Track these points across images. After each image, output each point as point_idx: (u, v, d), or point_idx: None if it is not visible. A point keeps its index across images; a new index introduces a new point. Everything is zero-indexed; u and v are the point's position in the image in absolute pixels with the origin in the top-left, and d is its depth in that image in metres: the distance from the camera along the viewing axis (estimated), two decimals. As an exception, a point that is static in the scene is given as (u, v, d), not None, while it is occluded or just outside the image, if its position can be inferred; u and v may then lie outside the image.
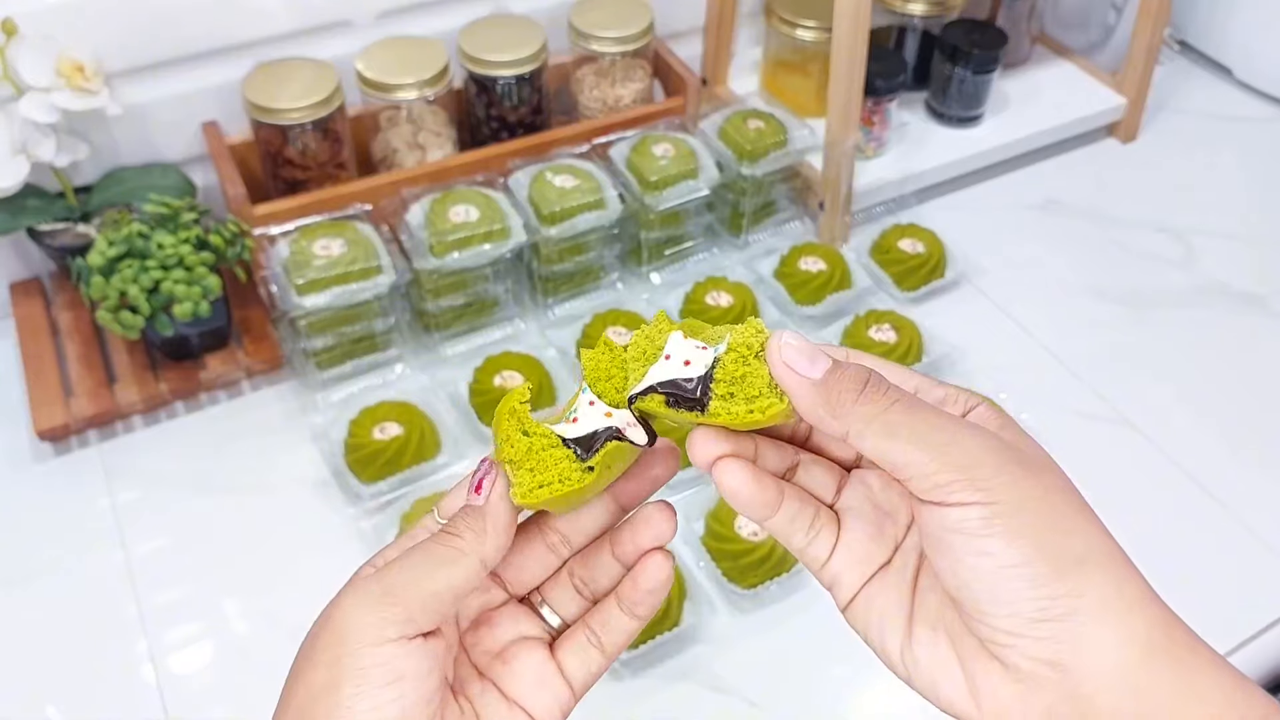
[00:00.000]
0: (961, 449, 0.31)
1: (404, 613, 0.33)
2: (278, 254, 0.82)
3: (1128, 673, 0.30)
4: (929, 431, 0.32)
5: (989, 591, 0.31)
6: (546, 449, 0.35)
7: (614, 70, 0.99)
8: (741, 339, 0.35)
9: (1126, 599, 0.31)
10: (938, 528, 0.32)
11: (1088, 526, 0.32)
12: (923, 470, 0.31)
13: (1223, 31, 1.26)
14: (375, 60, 0.91)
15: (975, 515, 0.31)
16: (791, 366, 0.33)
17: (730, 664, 0.71)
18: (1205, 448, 0.86)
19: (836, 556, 0.37)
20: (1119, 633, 0.30)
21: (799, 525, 0.36)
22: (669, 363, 0.35)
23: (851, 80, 0.92)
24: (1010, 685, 0.31)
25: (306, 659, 0.33)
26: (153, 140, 0.90)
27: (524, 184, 0.89)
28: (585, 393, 0.37)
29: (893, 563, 0.36)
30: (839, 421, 0.32)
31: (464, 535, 0.34)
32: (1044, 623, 0.30)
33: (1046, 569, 0.30)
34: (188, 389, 0.85)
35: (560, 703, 0.38)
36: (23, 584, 0.74)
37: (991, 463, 0.31)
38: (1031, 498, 0.31)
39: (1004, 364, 0.92)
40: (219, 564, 0.76)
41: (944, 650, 0.34)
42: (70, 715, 0.68)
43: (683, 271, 0.98)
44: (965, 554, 0.31)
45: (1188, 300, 1.00)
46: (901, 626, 0.35)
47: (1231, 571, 0.78)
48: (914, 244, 0.98)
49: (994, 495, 0.31)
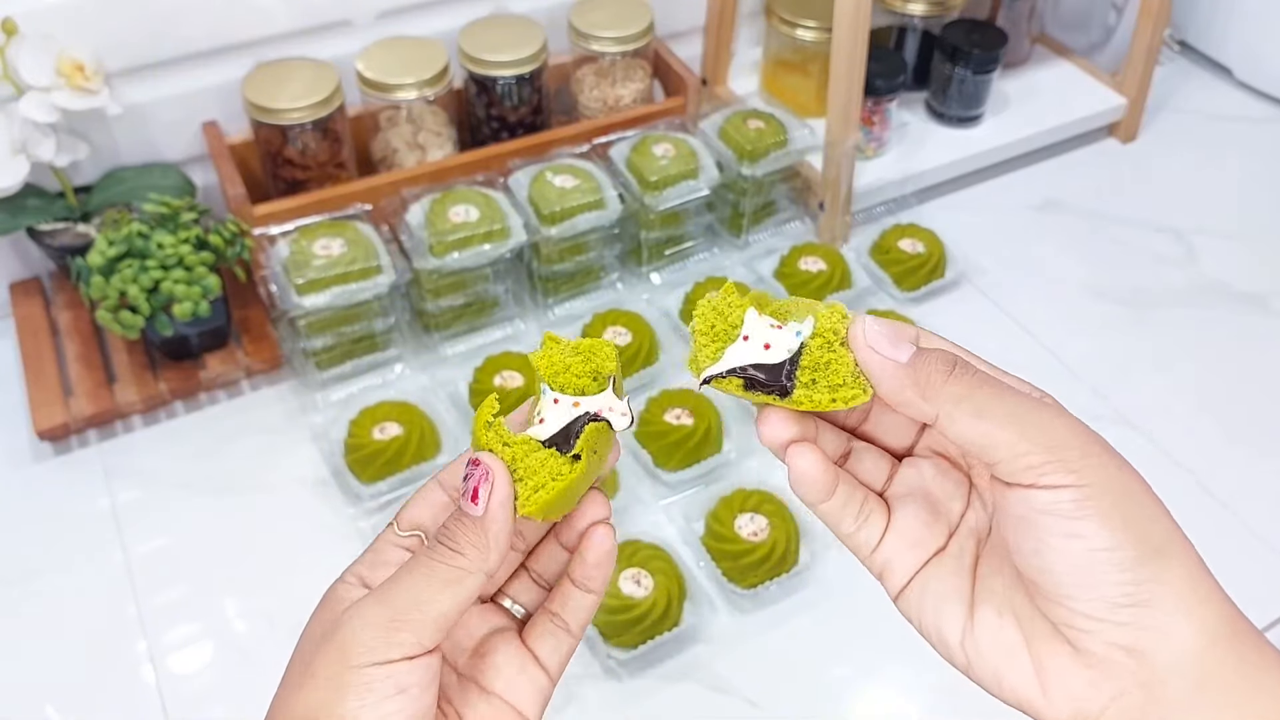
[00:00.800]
0: (1050, 430, 0.31)
1: (412, 637, 0.33)
2: (278, 254, 0.82)
3: (1198, 662, 0.30)
4: (1021, 412, 0.32)
5: (1075, 574, 0.31)
6: (529, 454, 0.35)
7: (614, 70, 0.99)
8: (828, 324, 0.34)
9: (1201, 590, 0.31)
10: (1026, 509, 0.31)
11: (1164, 516, 0.32)
12: (1014, 450, 0.31)
13: (1223, 31, 1.26)
14: (375, 60, 0.91)
15: (1068, 498, 0.30)
16: (878, 350, 0.33)
17: (730, 664, 0.71)
18: (1205, 447, 0.86)
19: (887, 542, 0.36)
20: (1193, 623, 0.30)
21: (849, 511, 0.36)
22: (748, 344, 0.35)
23: (851, 80, 0.92)
24: (1081, 671, 0.31)
25: (303, 674, 0.33)
26: (153, 140, 0.90)
27: (524, 184, 0.89)
28: (546, 394, 0.37)
29: (948, 549, 0.36)
30: (929, 404, 0.32)
31: (466, 552, 0.34)
32: (1127, 608, 0.30)
33: (1134, 553, 0.30)
34: (187, 389, 0.85)
35: (540, 689, 0.38)
36: (23, 584, 0.74)
37: (1079, 445, 0.31)
38: (1118, 481, 0.31)
39: (1004, 364, 0.91)
40: (219, 564, 0.76)
41: (1010, 634, 0.33)
42: (70, 715, 0.68)
43: (683, 271, 0.98)
44: (1054, 536, 0.31)
45: (1188, 300, 1.00)
46: (962, 612, 0.34)
47: (1231, 571, 0.77)
48: (914, 244, 0.98)
49: (1085, 477, 0.31)
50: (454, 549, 0.34)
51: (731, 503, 0.75)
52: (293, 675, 0.34)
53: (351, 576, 0.36)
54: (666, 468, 0.80)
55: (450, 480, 0.38)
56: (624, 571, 0.70)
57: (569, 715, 0.68)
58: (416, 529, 0.37)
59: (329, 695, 0.32)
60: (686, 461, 0.80)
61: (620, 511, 0.78)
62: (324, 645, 0.33)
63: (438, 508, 0.38)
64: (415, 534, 0.37)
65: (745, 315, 0.35)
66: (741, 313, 0.35)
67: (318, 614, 0.36)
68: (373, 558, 0.37)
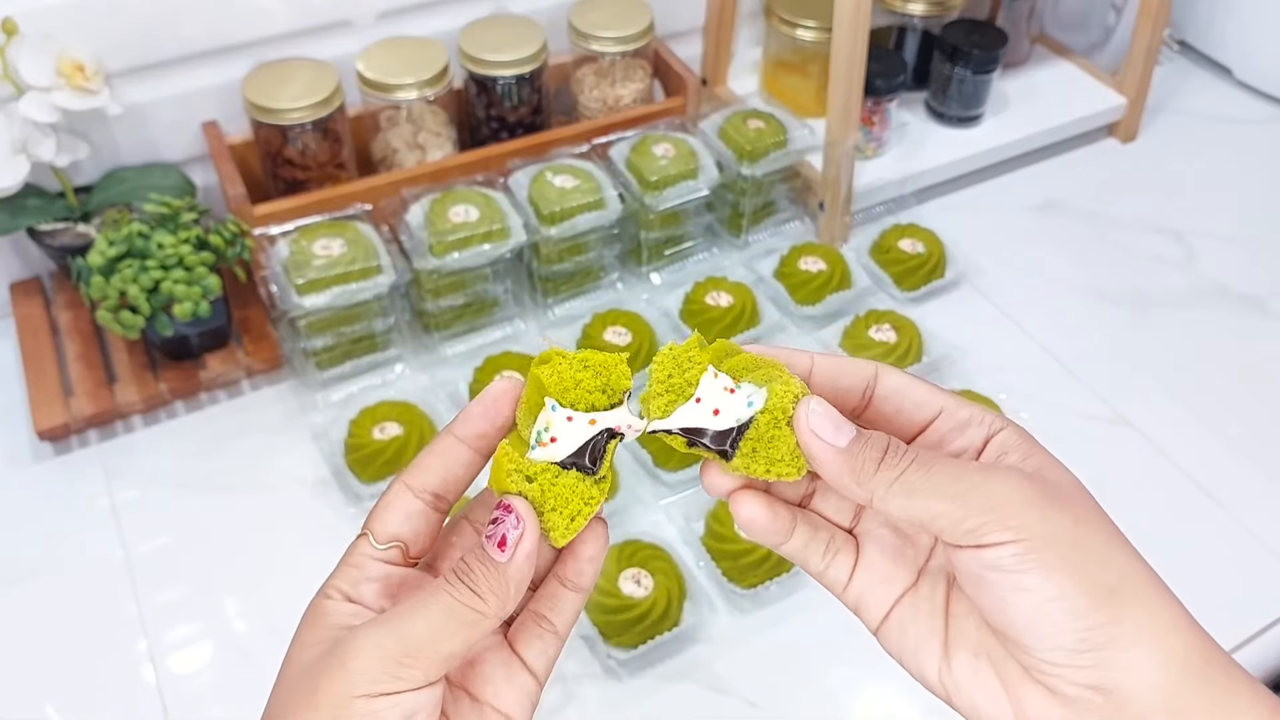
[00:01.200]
0: (983, 492, 0.32)
1: (420, 674, 0.33)
2: (278, 254, 0.82)
3: (1169, 694, 0.31)
4: (947, 483, 0.33)
5: (1031, 625, 0.32)
6: (555, 483, 0.35)
7: (614, 70, 0.99)
8: (780, 402, 0.35)
9: (1163, 623, 0.32)
10: (975, 566, 0.32)
11: (1119, 554, 0.33)
12: (951, 519, 0.32)
13: (1223, 31, 1.26)
14: (375, 60, 0.91)
15: (1009, 553, 0.32)
16: (819, 435, 0.34)
17: (730, 664, 0.71)
18: (1204, 448, 0.86)
19: (857, 578, 0.37)
20: (1156, 656, 0.31)
21: (813, 550, 0.37)
22: (699, 406, 0.36)
23: (851, 80, 0.92)
24: (1057, 709, 0.32)
25: (307, 698, 0.33)
26: (153, 140, 0.90)
27: (524, 184, 0.89)
28: (556, 410, 0.36)
29: (919, 587, 0.37)
30: (863, 489, 0.34)
31: (487, 598, 0.33)
32: (1086, 652, 0.31)
33: (1085, 600, 0.31)
34: (188, 389, 0.85)
35: (528, 694, 0.38)
36: (23, 584, 0.74)
37: (1016, 500, 0.32)
38: (1061, 530, 0.32)
39: (1004, 364, 0.92)
40: (219, 564, 0.76)
41: (987, 675, 0.34)
42: (70, 715, 0.68)
43: (683, 271, 0.98)
44: (1004, 590, 0.32)
45: (1187, 301, 1.00)
46: (938, 652, 0.35)
47: (1231, 572, 0.78)
48: (914, 244, 0.98)
49: (1023, 532, 0.31)
50: (476, 591, 0.34)
51: (731, 503, 0.75)
52: (291, 694, 0.33)
53: (335, 592, 0.36)
54: (666, 468, 0.80)
55: (417, 483, 0.37)
56: (624, 571, 0.70)
57: (569, 715, 0.68)
58: (394, 541, 0.36)
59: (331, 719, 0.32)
60: (686, 461, 0.80)
61: (620, 511, 0.78)
62: (328, 669, 0.33)
63: (414, 516, 0.37)
64: (395, 546, 0.36)
65: (702, 377, 0.36)
66: (699, 372, 0.36)
67: (306, 629, 0.35)
68: (354, 573, 0.36)
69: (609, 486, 0.35)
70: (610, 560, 0.71)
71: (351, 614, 0.35)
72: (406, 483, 0.37)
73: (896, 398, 0.37)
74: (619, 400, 0.37)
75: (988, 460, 0.35)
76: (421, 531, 0.37)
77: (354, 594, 0.36)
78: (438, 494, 0.37)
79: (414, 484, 0.37)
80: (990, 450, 0.36)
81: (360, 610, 0.35)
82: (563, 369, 0.36)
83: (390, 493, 0.37)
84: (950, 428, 0.36)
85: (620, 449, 0.81)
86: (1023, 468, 0.34)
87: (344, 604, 0.35)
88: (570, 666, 0.70)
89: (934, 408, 0.36)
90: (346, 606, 0.35)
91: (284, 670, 0.35)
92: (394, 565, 0.37)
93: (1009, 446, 0.35)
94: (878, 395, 0.37)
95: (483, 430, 0.37)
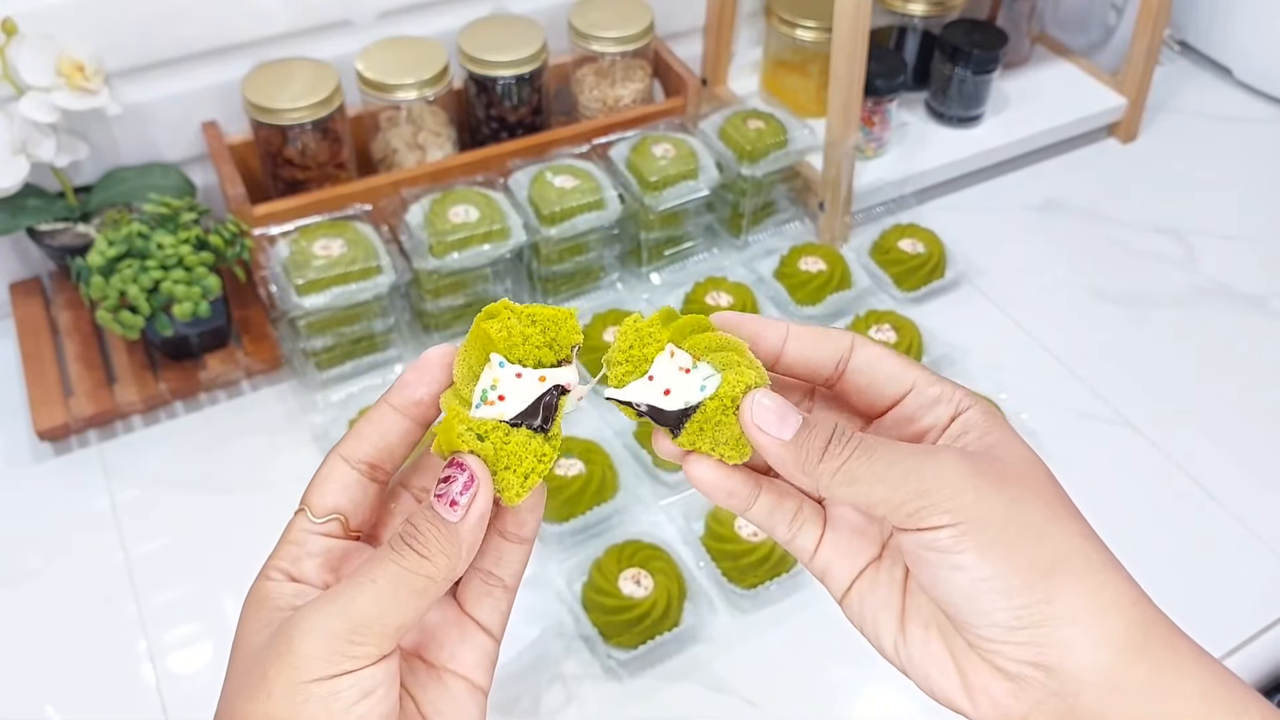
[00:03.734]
0: (918, 477, 0.33)
1: (374, 649, 0.32)
2: (278, 254, 0.82)
3: (1108, 671, 0.32)
4: (886, 469, 0.33)
5: (967, 603, 0.33)
6: (506, 440, 0.34)
7: (614, 70, 0.99)
8: (731, 391, 0.35)
9: (1102, 602, 0.32)
10: (915, 547, 0.33)
11: (1060, 532, 0.33)
12: (890, 504, 0.33)
13: (1223, 31, 1.26)
14: (375, 60, 0.91)
15: (945, 535, 0.32)
16: (764, 429, 0.34)
17: (730, 664, 0.71)
18: (1204, 448, 0.86)
19: (823, 548, 0.38)
20: (1094, 634, 0.32)
21: (780, 518, 0.37)
22: (651, 384, 0.36)
23: (851, 80, 0.92)
24: (1001, 683, 0.33)
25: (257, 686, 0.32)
26: (153, 140, 0.90)
27: (524, 184, 0.89)
28: (504, 367, 0.34)
29: (882, 560, 0.37)
30: (809, 478, 0.34)
31: (436, 560, 0.32)
32: (1021, 629, 0.32)
33: (1017, 580, 0.32)
34: (188, 389, 0.85)
35: (486, 653, 0.37)
36: (23, 584, 0.74)
37: (953, 483, 0.32)
38: (997, 510, 0.32)
39: (1004, 364, 0.92)
40: (219, 564, 0.75)
41: (937, 647, 0.35)
42: (70, 715, 0.68)
43: (683, 271, 0.98)
44: (941, 569, 0.33)
45: (1188, 301, 1.00)
46: (894, 623, 0.36)
47: (1231, 571, 0.78)
48: (914, 244, 0.98)
49: (959, 515, 0.32)
50: (423, 554, 0.32)
51: (731, 503, 0.75)
52: (242, 684, 0.33)
53: (275, 572, 0.35)
54: (666, 468, 0.80)
55: (352, 454, 0.36)
56: (624, 571, 0.70)
57: (569, 715, 0.68)
58: (333, 513, 0.36)
59: (290, 709, 0.31)
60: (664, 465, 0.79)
61: (620, 511, 0.78)
62: (277, 656, 0.32)
63: (351, 487, 0.36)
64: (334, 518, 0.36)
65: (658, 356, 0.36)
66: (656, 350, 0.36)
67: (250, 614, 0.34)
68: (293, 550, 0.35)
69: (560, 444, 0.35)
70: (610, 560, 0.71)
71: (294, 593, 0.34)
72: (341, 454, 0.36)
73: (869, 370, 0.37)
74: (567, 356, 0.36)
75: (950, 438, 0.36)
76: (360, 502, 0.36)
77: (296, 571, 0.35)
78: (373, 464, 0.36)
79: (349, 454, 0.36)
80: (954, 428, 0.36)
81: (303, 589, 0.34)
82: (511, 324, 0.35)
83: (325, 465, 0.36)
84: (919, 404, 0.37)
85: (620, 449, 0.81)
86: (977, 446, 0.35)
87: (286, 584, 0.35)
88: (570, 666, 0.70)
89: (905, 383, 0.37)
90: (289, 586, 0.34)
91: (232, 659, 0.34)
92: (334, 538, 0.36)
93: (970, 425, 0.36)
94: (851, 367, 0.37)
95: (418, 397, 0.36)
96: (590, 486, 0.75)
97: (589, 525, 0.76)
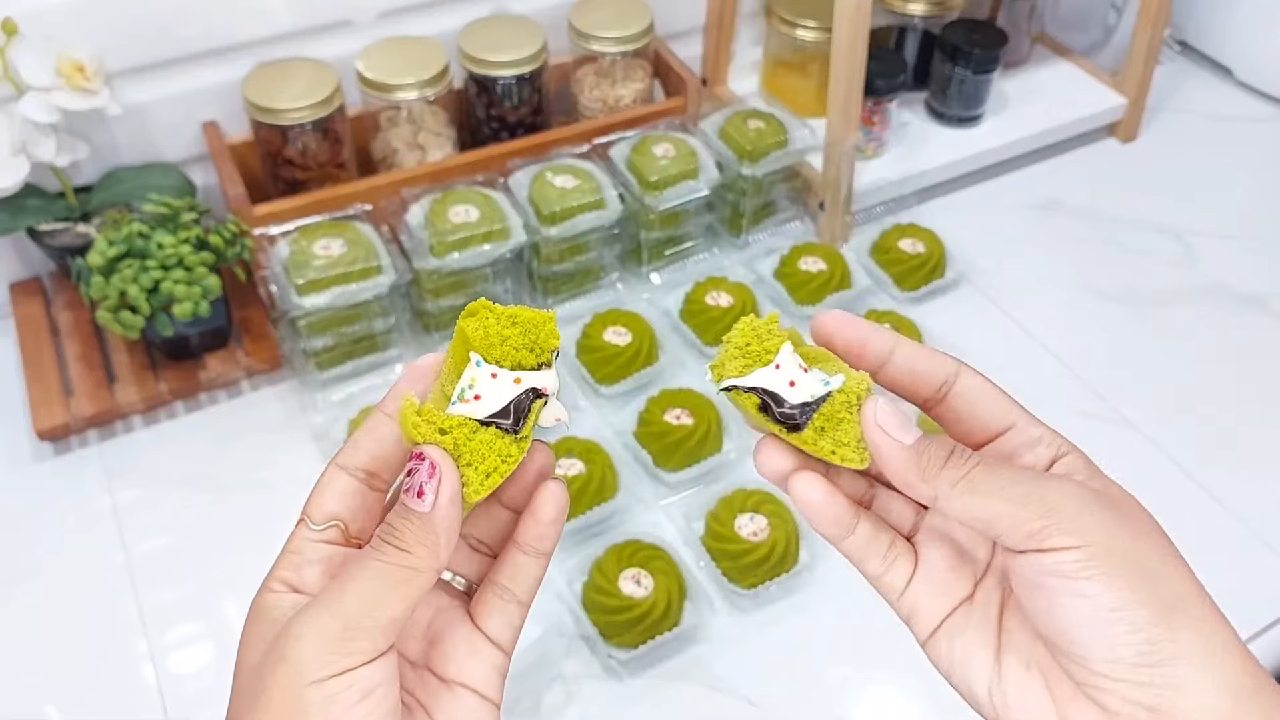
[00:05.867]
0: (1044, 496, 0.32)
1: (368, 644, 0.32)
2: (278, 254, 0.82)
3: (1221, 717, 0.30)
4: (1010, 485, 0.32)
5: (1087, 634, 0.31)
6: (471, 437, 0.34)
7: (614, 70, 0.99)
8: (855, 388, 0.35)
9: (1218, 645, 0.31)
10: (1034, 572, 0.32)
11: (1177, 572, 0.32)
12: (1013, 520, 0.32)
13: (1223, 31, 1.26)
14: (375, 60, 0.91)
15: (1071, 559, 0.31)
16: (887, 431, 0.34)
17: (730, 664, 0.71)
18: (1205, 447, 0.86)
19: (915, 585, 0.37)
20: (1212, 676, 0.31)
21: (875, 549, 0.37)
22: (777, 373, 0.36)
23: (851, 80, 0.92)
24: None
25: (257, 697, 0.32)
26: (153, 140, 0.90)
27: (524, 184, 0.89)
28: (480, 366, 0.34)
29: (975, 598, 0.36)
30: (927, 485, 0.34)
31: (415, 551, 0.32)
32: (1143, 668, 0.31)
33: (1145, 613, 0.31)
34: (188, 389, 0.85)
35: (496, 667, 0.37)
36: (23, 584, 0.74)
37: (1075, 507, 0.32)
38: (1123, 542, 0.31)
39: (1004, 364, 0.91)
40: (219, 564, 0.76)
41: (1037, 689, 0.34)
42: (70, 715, 0.68)
43: (683, 271, 0.98)
44: (1063, 596, 0.31)
45: (1188, 300, 1.00)
46: (989, 663, 0.35)
47: (1231, 571, 0.77)
48: (914, 244, 0.98)
49: (1086, 538, 0.31)
50: (402, 548, 0.32)
51: (731, 503, 0.75)
52: (244, 697, 0.33)
53: (277, 584, 0.35)
54: (666, 468, 0.80)
55: (349, 462, 0.36)
56: (624, 571, 0.70)
57: (569, 715, 0.68)
58: (332, 520, 0.36)
59: (291, 715, 0.31)
60: (686, 461, 0.80)
61: (620, 511, 0.78)
62: (273, 665, 0.32)
63: (349, 495, 0.36)
64: (333, 525, 0.36)
65: (782, 347, 0.36)
66: (779, 343, 0.36)
67: (251, 627, 0.34)
68: (294, 559, 0.35)
69: (529, 446, 0.34)
70: (610, 560, 0.71)
71: (293, 605, 0.34)
72: (338, 463, 0.36)
73: (972, 400, 0.36)
74: (547, 359, 0.35)
75: None
76: (359, 509, 0.36)
77: (297, 581, 0.35)
78: (370, 471, 0.36)
79: (346, 463, 0.36)
80: (1056, 469, 0.35)
81: (301, 600, 0.34)
82: (489, 323, 0.35)
83: (324, 476, 0.36)
84: (1020, 442, 0.36)
85: (620, 449, 0.80)
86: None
87: (287, 595, 0.34)
88: (570, 666, 0.70)
89: (1008, 419, 0.36)
90: (288, 598, 0.34)
91: (236, 673, 0.34)
92: (335, 545, 0.36)
93: (1073, 469, 0.35)
94: (954, 393, 0.37)
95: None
96: (590, 486, 0.75)
97: (589, 525, 0.76)
